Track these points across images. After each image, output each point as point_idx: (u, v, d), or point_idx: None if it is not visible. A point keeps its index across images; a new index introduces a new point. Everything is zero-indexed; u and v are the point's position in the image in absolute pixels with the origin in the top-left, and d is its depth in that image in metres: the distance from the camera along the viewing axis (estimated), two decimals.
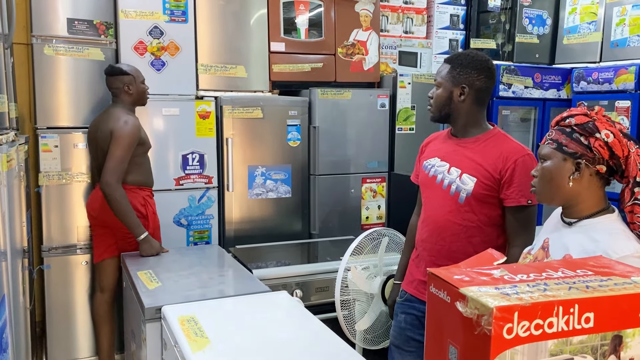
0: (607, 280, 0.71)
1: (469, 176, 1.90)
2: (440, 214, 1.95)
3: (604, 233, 1.30)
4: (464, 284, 0.67)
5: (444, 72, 1.97)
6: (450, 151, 1.98)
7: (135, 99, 2.95)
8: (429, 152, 2.08)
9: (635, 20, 3.81)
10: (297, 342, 1.73)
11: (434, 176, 1.98)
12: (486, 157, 1.89)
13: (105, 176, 2.72)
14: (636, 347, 0.68)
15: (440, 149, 2.03)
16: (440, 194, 1.95)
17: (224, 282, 2.43)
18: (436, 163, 2.00)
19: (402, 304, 2.09)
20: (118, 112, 2.85)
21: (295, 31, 3.64)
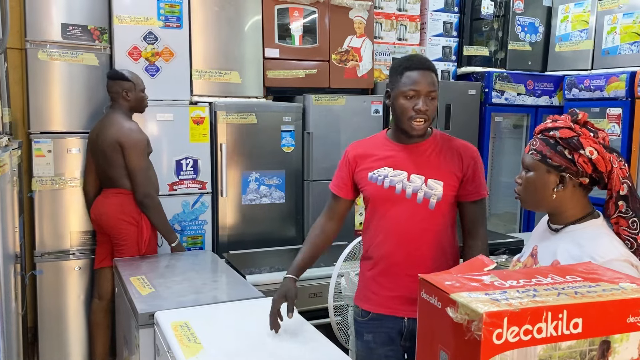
0: (595, 286, 0.72)
1: (434, 181, 1.85)
2: (410, 224, 1.86)
3: (588, 238, 1.32)
4: (454, 290, 0.68)
5: (435, 81, 1.86)
6: (403, 158, 1.87)
7: (133, 106, 2.97)
8: (370, 162, 1.90)
9: (626, 29, 3.86)
10: (290, 348, 1.73)
11: (391, 187, 1.85)
12: (445, 159, 1.88)
13: (141, 190, 2.84)
14: (624, 353, 0.69)
15: (388, 158, 1.88)
16: (405, 205, 1.85)
17: (217, 288, 2.43)
18: (389, 173, 1.86)
19: (366, 323, 1.95)
20: (118, 118, 2.88)
21: (290, 37, 3.66)
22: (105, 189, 2.98)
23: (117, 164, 2.86)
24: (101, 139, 2.88)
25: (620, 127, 3.70)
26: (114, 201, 2.91)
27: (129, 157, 2.82)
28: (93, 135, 2.97)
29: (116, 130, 2.84)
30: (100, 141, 2.88)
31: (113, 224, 2.89)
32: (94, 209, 2.99)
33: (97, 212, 2.96)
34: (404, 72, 1.81)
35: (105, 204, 2.93)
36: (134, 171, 2.83)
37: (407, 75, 1.80)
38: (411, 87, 1.78)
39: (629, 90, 3.65)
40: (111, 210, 2.90)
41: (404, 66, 1.82)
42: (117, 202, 2.90)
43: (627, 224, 1.34)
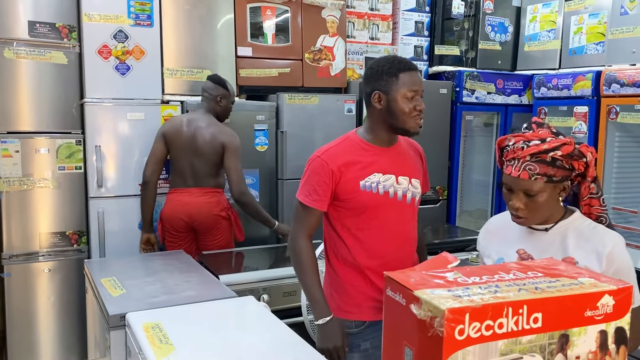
0: (555, 281, 0.74)
1: (416, 180, 1.94)
2: (405, 224, 1.93)
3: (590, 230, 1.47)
4: (418, 287, 0.69)
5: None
6: (388, 162, 1.89)
7: (220, 112, 3.12)
8: (358, 171, 1.86)
9: (591, 29, 3.95)
10: (262, 347, 1.73)
11: (385, 192, 1.87)
12: (412, 158, 1.98)
13: (239, 188, 2.99)
14: (582, 346, 0.71)
15: (374, 163, 1.87)
16: (398, 207, 1.90)
17: (189, 288, 2.41)
18: (380, 179, 1.86)
19: (361, 333, 1.93)
20: (214, 120, 3.06)
21: (262, 36, 3.65)
22: (189, 189, 3.06)
23: (215, 163, 3.03)
24: (203, 139, 3.00)
25: (586, 125, 3.79)
26: (212, 200, 3.06)
27: (230, 157, 2.99)
28: (184, 132, 3.02)
29: (220, 132, 3.01)
30: (202, 141, 3.00)
31: (212, 222, 3.05)
32: (182, 209, 3.03)
33: (189, 212, 3.03)
34: (398, 73, 1.81)
35: (202, 204, 3.04)
36: (233, 171, 2.98)
37: (403, 76, 1.81)
38: (411, 88, 1.80)
39: (595, 89, 3.74)
40: (210, 209, 3.04)
41: (397, 68, 1.82)
42: (215, 201, 3.06)
43: (599, 203, 1.49)
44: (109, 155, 3.17)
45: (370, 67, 1.90)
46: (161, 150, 3.06)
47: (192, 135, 3.01)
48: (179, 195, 3.07)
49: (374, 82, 1.84)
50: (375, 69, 1.86)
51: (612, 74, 3.64)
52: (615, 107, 3.63)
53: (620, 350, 0.73)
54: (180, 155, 3.04)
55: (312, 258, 1.92)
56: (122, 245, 3.17)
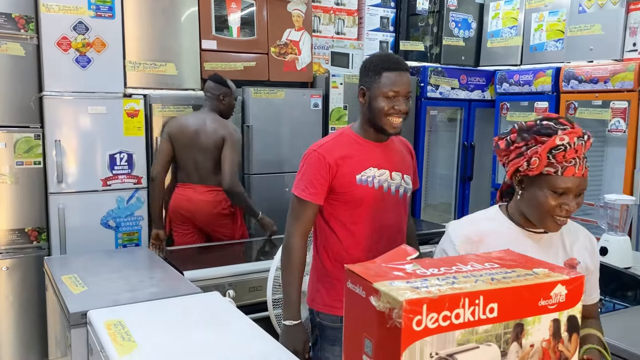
0: (511, 272, 0.76)
1: (407, 176, 1.97)
2: (397, 219, 1.95)
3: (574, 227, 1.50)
4: (377, 279, 0.70)
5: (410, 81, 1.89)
6: (382, 157, 1.91)
7: (223, 110, 3.17)
8: (354, 165, 1.87)
9: (551, 26, 4.04)
10: (227, 342, 1.72)
11: (380, 187, 1.89)
12: (403, 154, 2.01)
13: (230, 180, 3.02)
14: (536, 334, 0.73)
15: (370, 158, 1.89)
16: (391, 202, 1.93)
17: (153, 285, 2.38)
18: (375, 173, 1.88)
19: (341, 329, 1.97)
20: (217, 117, 3.12)
21: (227, 29, 3.62)
22: (194, 185, 3.13)
23: (218, 159, 3.07)
24: (205, 135, 3.06)
25: None
26: (215, 199, 3.12)
27: (227, 148, 3.04)
28: (188, 129, 3.09)
29: (221, 127, 3.07)
30: (204, 137, 3.06)
31: (213, 219, 3.13)
32: (185, 204, 3.13)
33: (190, 208, 3.11)
34: (382, 72, 1.81)
35: (203, 202, 3.11)
36: (228, 161, 3.02)
37: (386, 75, 1.81)
38: (391, 88, 1.80)
39: (555, 85, 3.84)
40: (210, 207, 3.11)
41: (382, 66, 1.82)
42: (216, 199, 3.12)
43: None
44: (69, 150, 3.09)
45: (363, 62, 1.93)
46: (167, 149, 3.14)
47: (195, 133, 3.08)
48: (184, 190, 3.16)
49: (362, 77, 1.88)
50: (365, 64, 1.89)
51: (571, 70, 3.74)
52: (573, 103, 3.73)
53: (572, 337, 0.76)
54: (184, 152, 3.12)
55: (302, 258, 1.91)
56: (83, 241, 3.10)
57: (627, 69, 3.42)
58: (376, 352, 0.69)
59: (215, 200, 3.12)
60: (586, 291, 1.33)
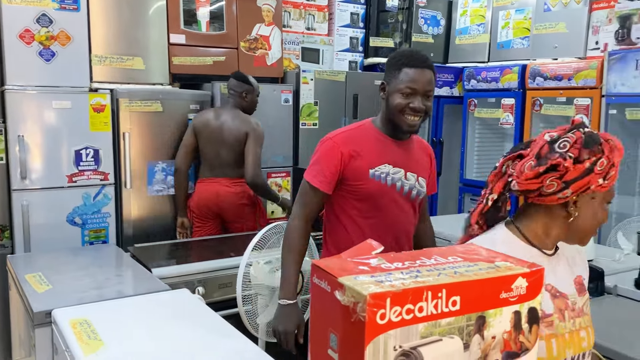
0: (473, 265, 0.77)
1: (423, 179, 1.94)
2: (405, 220, 1.92)
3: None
4: (342, 274, 0.70)
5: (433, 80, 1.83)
6: (400, 156, 1.88)
7: (245, 106, 3.28)
8: (370, 159, 1.84)
9: (518, 24, 4.12)
10: (196, 339, 1.71)
11: (393, 185, 1.86)
12: (421, 156, 1.97)
13: (253, 171, 3.15)
14: (498, 326, 0.74)
15: (386, 154, 1.86)
16: (402, 202, 1.90)
17: (121, 283, 2.35)
18: (390, 170, 1.85)
19: None
20: (240, 113, 3.25)
21: (196, 23, 3.57)
22: (218, 178, 3.25)
23: (240, 153, 3.19)
24: (229, 131, 3.19)
25: (513, 116, 3.96)
26: (238, 191, 3.25)
27: (251, 143, 3.16)
28: (212, 124, 3.22)
29: (244, 123, 3.20)
30: (227, 132, 3.19)
31: (238, 210, 3.25)
32: (210, 197, 3.24)
33: (215, 201, 3.23)
34: (402, 68, 1.78)
35: (230, 194, 3.23)
36: (251, 154, 3.15)
37: (405, 72, 1.77)
38: (408, 85, 1.76)
39: (521, 82, 3.92)
40: (236, 199, 3.24)
41: (402, 62, 1.79)
42: (240, 191, 3.25)
43: None
44: (33, 146, 3.01)
45: (388, 56, 1.92)
46: (190, 141, 3.27)
47: (219, 128, 3.21)
48: (207, 184, 3.26)
49: (385, 72, 1.85)
50: (389, 59, 1.87)
51: (537, 67, 3.82)
52: (539, 99, 3.81)
53: (533, 329, 0.78)
54: (208, 146, 3.24)
55: (302, 239, 1.91)
56: (48, 239, 3.03)
57: (589, 67, 3.51)
58: (341, 346, 0.70)
59: (240, 192, 3.26)
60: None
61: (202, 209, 3.26)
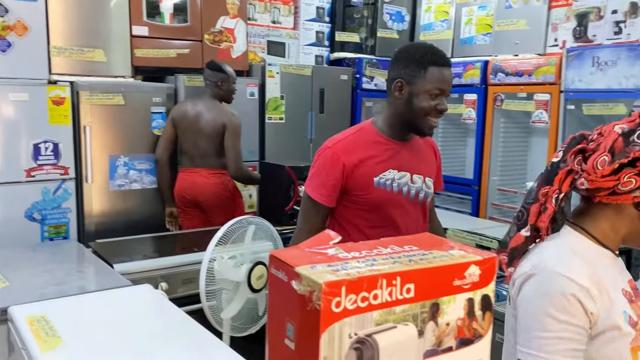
0: (428, 253, 0.79)
1: (429, 179, 1.84)
2: (415, 225, 1.82)
3: None
4: (299, 263, 0.71)
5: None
6: (404, 158, 1.77)
7: (223, 95, 3.33)
8: (373, 166, 1.72)
9: (480, 20, 4.18)
10: (157, 335, 1.69)
11: (399, 190, 1.75)
12: (425, 152, 1.88)
13: (235, 166, 3.25)
14: (451, 313, 0.76)
15: (390, 159, 1.74)
16: (410, 207, 1.80)
17: (81, 279, 2.30)
18: (395, 176, 1.74)
19: None
20: (216, 103, 3.29)
21: (159, 15, 3.52)
22: (197, 169, 3.30)
23: (219, 143, 3.25)
24: (205, 122, 3.23)
25: (475, 112, 4.03)
26: (217, 181, 3.30)
27: (229, 137, 3.22)
28: (189, 114, 3.26)
29: (221, 114, 3.25)
30: (204, 123, 3.24)
31: (218, 201, 3.30)
32: (190, 188, 3.28)
33: (196, 192, 3.27)
34: (428, 66, 1.64)
35: (208, 185, 3.28)
36: (231, 149, 3.23)
37: (432, 71, 1.64)
38: (437, 86, 1.65)
39: (483, 78, 3.98)
40: (216, 190, 3.29)
41: (428, 59, 1.65)
42: (220, 182, 3.31)
43: None
44: None
45: (400, 50, 1.74)
46: (170, 132, 3.32)
47: (196, 118, 3.25)
48: (187, 174, 3.32)
49: (401, 68, 1.68)
50: (405, 54, 1.70)
51: (498, 63, 3.89)
52: (500, 95, 3.88)
53: (486, 315, 0.80)
54: (186, 136, 3.29)
55: None
56: (6, 235, 2.95)
57: (549, 63, 3.60)
58: (297, 335, 0.70)
59: (219, 182, 3.31)
60: None
61: (182, 198, 3.33)
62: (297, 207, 3.22)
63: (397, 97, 1.69)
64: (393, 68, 1.71)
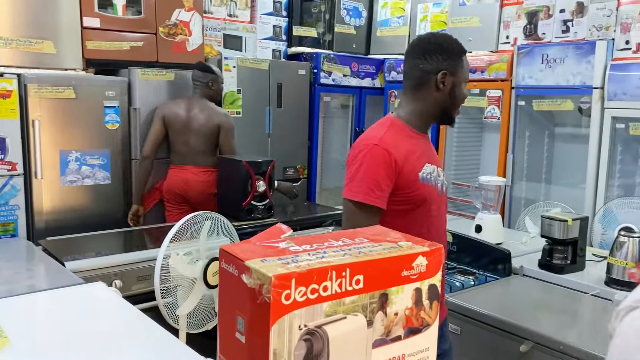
0: (378, 245, 0.80)
1: (442, 171, 1.81)
2: (442, 221, 1.76)
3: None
4: (249, 257, 0.71)
5: None
6: (429, 151, 1.73)
7: (213, 95, 3.44)
8: (415, 161, 1.64)
9: (435, 17, 4.25)
10: (110, 334, 1.66)
11: (435, 184, 1.69)
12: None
13: None
14: (400, 303, 0.78)
15: (424, 153, 1.68)
16: (441, 201, 1.74)
17: (31, 277, 2.24)
18: (430, 170, 1.67)
19: None
20: (208, 104, 3.39)
21: (112, 7, 3.43)
22: (188, 166, 3.38)
23: (210, 142, 3.36)
24: (198, 122, 3.33)
25: None
26: (207, 178, 3.40)
27: (225, 137, 3.35)
28: (182, 115, 3.34)
29: (214, 114, 3.36)
30: (197, 124, 3.33)
31: (205, 198, 3.38)
32: (180, 185, 3.37)
33: (186, 189, 3.37)
34: (461, 55, 1.65)
35: (197, 182, 3.37)
36: (227, 149, 3.37)
37: (465, 60, 1.67)
38: (469, 74, 1.69)
39: None
40: (206, 187, 3.39)
41: (462, 49, 1.66)
42: (208, 180, 3.40)
43: None
44: None
45: (428, 42, 1.67)
46: (160, 130, 3.37)
47: (189, 119, 3.34)
48: (177, 171, 3.40)
49: (442, 60, 1.63)
50: (438, 46, 1.64)
51: None
52: None
53: (433, 305, 0.82)
54: (178, 136, 3.36)
55: None
56: None
57: (501, 60, 3.69)
58: (248, 328, 0.71)
59: (209, 180, 3.40)
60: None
61: (171, 194, 3.42)
62: (255, 203, 3.21)
63: (440, 88, 1.64)
64: (431, 59, 1.64)
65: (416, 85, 1.67)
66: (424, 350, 0.82)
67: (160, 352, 1.57)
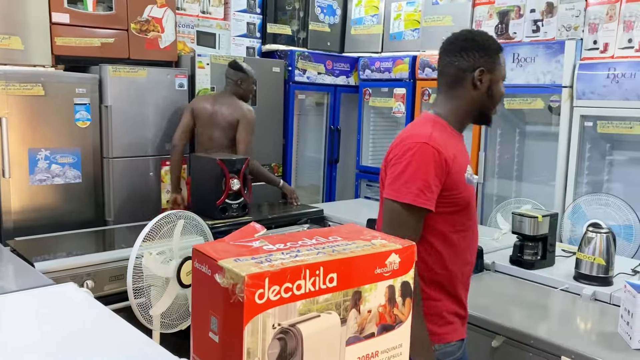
0: (351, 244, 0.81)
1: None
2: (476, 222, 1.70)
3: None
4: (222, 257, 0.71)
5: None
6: (465, 152, 1.66)
7: (242, 94, 3.53)
8: (460, 161, 1.56)
9: (409, 16, 4.29)
10: (81, 336, 1.63)
11: (473, 187, 1.65)
12: None
13: (249, 155, 3.37)
14: (373, 300, 0.78)
15: (465, 153, 1.63)
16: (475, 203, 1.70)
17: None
18: (470, 171, 1.62)
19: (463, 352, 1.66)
20: (234, 100, 3.49)
21: (82, 2, 3.37)
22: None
23: (232, 137, 3.46)
24: (222, 116, 3.44)
25: (404, 105, 4.13)
26: None
27: (241, 130, 3.43)
28: (208, 109, 3.47)
29: (237, 109, 3.45)
30: (221, 118, 3.44)
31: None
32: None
33: None
34: (498, 52, 1.60)
35: None
36: (242, 142, 3.44)
37: (502, 57, 1.62)
38: (505, 72, 1.65)
39: (411, 73, 4.09)
40: None
41: (498, 46, 1.61)
42: None
43: None
44: None
45: (464, 39, 1.62)
46: (188, 122, 3.51)
47: (213, 112, 3.46)
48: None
49: (479, 57, 1.57)
50: (475, 43, 1.59)
51: (425, 59, 4.00)
52: (428, 89, 4.00)
53: (406, 302, 0.83)
54: (203, 129, 3.49)
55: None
56: None
57: None
58: (221, 328, 0.70)
59: None
60: None
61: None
62: (229, 201, 3.19)
63: (477, 86, 1.58)
64: (468, 56, 1.58)
65: (451, 83, 1.61)
66: (397, 347, 0.83)
67: (133, 353, 1.55)
